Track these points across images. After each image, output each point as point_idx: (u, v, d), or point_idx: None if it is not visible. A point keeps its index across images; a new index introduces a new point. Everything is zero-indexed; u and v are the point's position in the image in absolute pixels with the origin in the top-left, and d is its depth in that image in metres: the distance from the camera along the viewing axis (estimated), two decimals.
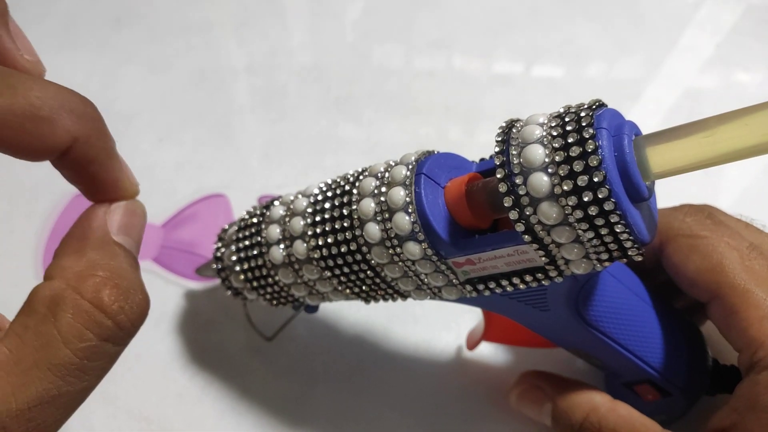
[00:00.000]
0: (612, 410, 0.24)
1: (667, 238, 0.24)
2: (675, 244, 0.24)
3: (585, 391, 0.25)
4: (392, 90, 0.44)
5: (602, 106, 0.18)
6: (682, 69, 0.44)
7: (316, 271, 0.24)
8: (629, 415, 0.23)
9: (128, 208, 0.19)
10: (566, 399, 0.25)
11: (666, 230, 0.24)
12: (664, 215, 0.25)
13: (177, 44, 0.48)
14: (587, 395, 0.25)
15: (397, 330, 0.32)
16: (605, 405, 0.24)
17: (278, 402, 0.30)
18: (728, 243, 0.23)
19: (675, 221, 0.24)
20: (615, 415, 0.23)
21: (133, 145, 0.41)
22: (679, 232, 0.24)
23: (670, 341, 0.24)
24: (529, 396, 0.27)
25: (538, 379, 0.27)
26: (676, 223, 0.24)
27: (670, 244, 0.24)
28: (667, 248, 0.24)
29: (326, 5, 0.50)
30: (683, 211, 0.25)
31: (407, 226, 0.20)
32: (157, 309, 0.33)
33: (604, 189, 0.16)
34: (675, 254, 0.24)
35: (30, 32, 0.19)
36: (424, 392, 0.30)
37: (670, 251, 0.24)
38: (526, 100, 0.43)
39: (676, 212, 0.25)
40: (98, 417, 0.30)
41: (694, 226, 0.24)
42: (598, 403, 0.24)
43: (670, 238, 0.24)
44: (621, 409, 0.24)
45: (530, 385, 0.27)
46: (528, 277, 0.20)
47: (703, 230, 0.23)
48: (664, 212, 0.25)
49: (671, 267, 0.24)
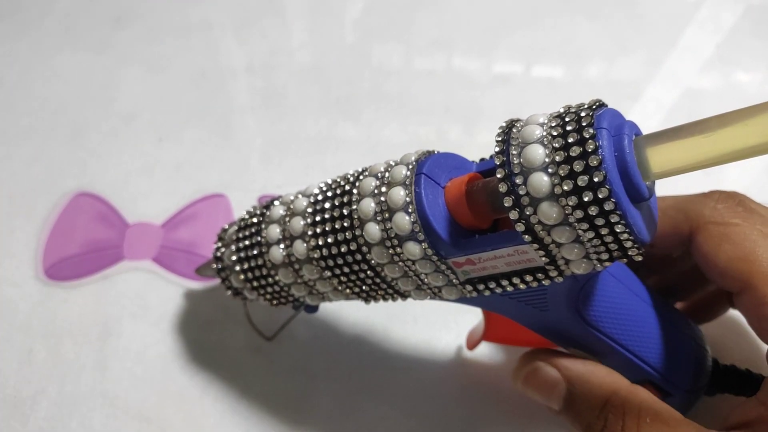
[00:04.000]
0: (634, 393, 0.22)
1: (697, 225, 0.23)
2: (706, 232, 0.23)
3: (603, 372, 0.23)
4: (392, 90, 0.44)
5: (602, 106, 0.18)
6: (682, 69, 0.44)
7: (316, 271, 0.24)
8: (651, 399, 0.22)
9: None
10: (585, 380, 0.23)
11: (696, 217, 0.23)
12: (694, 202, 0.24)
13: (177, 44, 0.48)
14: (608, 376, 0.23)
15: (397, 330, 0.32)
16: (627, 387, 0.23)
17: (278, 402, 0.30)
18: (761, 231, 0.22)
19: (705, 208, 0.23)
20: (638, 398, 0.22)
21: (133, 145, 0.41)
22: (710, 220, 0.23)
23: (670, 341, 0.24)
24: (540, 377, 0.24)
25: (551, 358, 0.24)
26: (707, 210, 0.23)
27: (701, 233, 0.23)
28: (698, 236, 0.23)
29: (326, 5, 0.50)
30: (714, 197, 0.23)
31: (407, 226, 0.20)
32: (156, 309, 0.33)
33: (604, 189, 0.16)
34: (706, 242, 0.23)
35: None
36: (424, 392, 0.30)
37: (700, 239, 0.23)
38: (526, 100, 0.43)
39: (707, 199, 0.23)
40: (98, 417, 0.30)
41: (725, 213, 0.23)
42: (621, 385, 0.23)
43: (701, 225, 0.23)
44: (642, 393, 0.22)
45: (542, 363, 0.24)
46: (528, 277, 0.20)
47: (735, 218, 0.22)
48: (694, 198, 0.24)
49: (701, 256, 0.23)
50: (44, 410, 0.30)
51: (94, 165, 0.40)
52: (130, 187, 0.39)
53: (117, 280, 0.35)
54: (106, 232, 0.37)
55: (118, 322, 0.33)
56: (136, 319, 0.33)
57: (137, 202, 0.38)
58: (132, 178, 0.39)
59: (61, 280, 0.35)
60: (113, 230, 0.37)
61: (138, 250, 0.36)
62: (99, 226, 0.37)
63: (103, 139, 0.41)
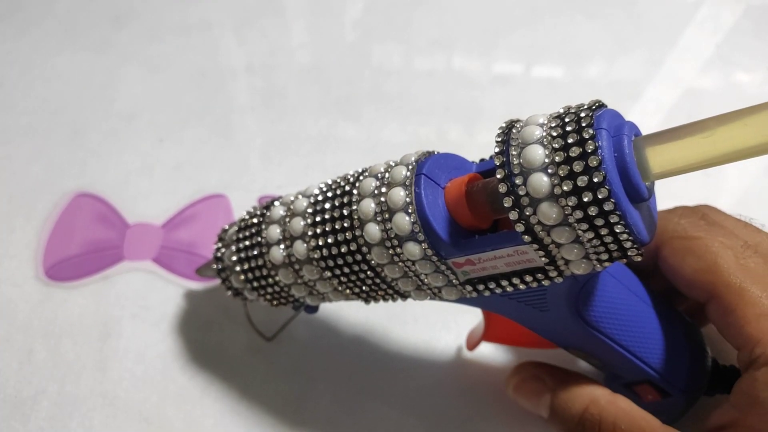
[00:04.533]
0: (612, 402, 0.23)
1: (662, 241, 0.24)
2: (670, 246, 0.24)
3: (585, 384, 0.25)
4: (392, 90, 0.44)
5: (602, 107, 0.18)
6: (682, 69, 0.44)
7: (316, 271, 0.24)
8: (629, 408, 0.23)
9: None
10: (566, 390, 0.25)
11: (661, 233, 0.24)
12: (658, 218, 0.25)
13: (177, 44, 0.48)
14: (587, 387, 0.24)
15: (397, 330, 0.32)
16: (605, 397, 0.24)
17: (278, 402, 0.30)
18: (722, 242, 0.23)
19: (669, 224, 0.24)
20: (615, 407, 0.23)
21: (133, 145, 0.41)
22: (674, 234, 0.24)
23: (670, 341, 0.24)
24: (528, 386, 0.26)
25: (538, 369, 0.26)
26: (671, 225, 0.24)
27: (666, 247, 0.24)
28: (663, 251, 0.24)
29: (326, 5, 0.50)
30: (677, 213, 0.25)
31: (407, 227, 0.20)
32: (157, 309, 0.33)
33: (604, 189, 0.16)
34: (671, 257, 0.24)
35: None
36: (424, 392, 0.30)
37: (665, 254, 0.24)
38: (526, 100, 0.43)
39: (671, 215, 0.25)
40: (98, 417, 0.30)
41: (688, 227, 0.24)
42: (599, 395, 0.24)
43: (665, 240, 0.24)
44: (621, 402, 0.23)
45: (529, 375, 0.27)
46: (528, 277, 0.20)
47: (697, 231, 0.23)
48: (659, 215, 0.25)
49: (668, 269, 0.24)
50: (44, 410, 0.30)
51: (94, 165, 0.40)
52: (130, 187, 0.39)
53: (117, 280, 0.35)
54: (106, 232, 0.37)
55: (118, 322, 0.33)
56: (136, 320, 0.33)
57: (137, 202, 0.38)
58: (132, 178, 0.39)
59: (61, 280, 0.35)
60: (113, 230, 0.37)
61: (138, 250, 0.36)
62: (99, 226, 0.37)
63: (103, 139, 0.41)
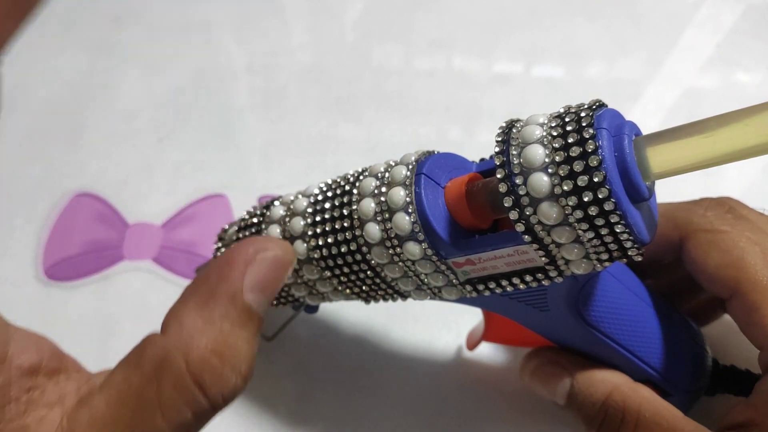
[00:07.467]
0: (635, 390, 0.23)
1: (687, 233, 0.23)
2: (695, 239, 0.23)
3: (606, 370, 0.24)
4: (392, 90, 0.44)
5: (602, 107, 0.18)
6: (682, 69, 0.44)
7: (316, 271, 0.24)
8: (652, 397, 0.23)
9: (276, 261, 0.19)
10: (587, 376, 0.24)
11: (686, 225, 0.23)
12: (683, 209, 0.24)
13: (177, 44, 0.48)
14: (609, 373, 0.24)
15: (397, 330, 0.32)
16: (628, 384, 0.23)
17: (278, 402, 0.30)
18: (749, 238, 0.22)
19: (695, 216, 0.23)
20: (638, 395, 0.23)
21: (133, 145, 0.41)
22: (699, 227, 0.23)
23: (670, 341, 0.24)
24: (547, 370, 0.25)
25: (557, 355, 0.25)
26: (696, 217, 0.23)
27: (690, 240, 0.23)
28: (687, 244, 0.23)
29: (326, 5, 0.50)
30: (703, 205, 0.24)
31: (407, 226, 0.20)
32: (157, 310, 0.33)
33: (604, 189, 0.16)
34: (695, 250, 0.23)
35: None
36: (424, 392, 0.30)
37: (689, 247, 0.23)
38: (526, 100, 0.43)
39: (696, 206, 0.24)
40: None
41: (714, 220, 0.23)
42: (621, 382, 0.23)
43: (690, 233, 0.23)
44: (644, 391, 0.23)
45: (548, 359, 0.25)
46: (528, 277, 0.20)
47: (724, 225, 0.23)
48: (684, 206, 0.24)
49: (691, 263, 0.23)
50: None
51: (94, 165, 0.40)
52: (130, 187, 0.39)
53: (117, 280, 0.35)
54: (106, 232, 0.37)
55: (118, 322, 0.33)
56: (136, 320, 0.33)
57: (137, 202, 0.38)
58: (132, 178, 0.39)
59: (61, 280, 0.35)
60: (113, 230, 0.37)
61: (138, 250, 0.36)
62: (99, 226, 0.37)
63: (103, 139, 0.41)
